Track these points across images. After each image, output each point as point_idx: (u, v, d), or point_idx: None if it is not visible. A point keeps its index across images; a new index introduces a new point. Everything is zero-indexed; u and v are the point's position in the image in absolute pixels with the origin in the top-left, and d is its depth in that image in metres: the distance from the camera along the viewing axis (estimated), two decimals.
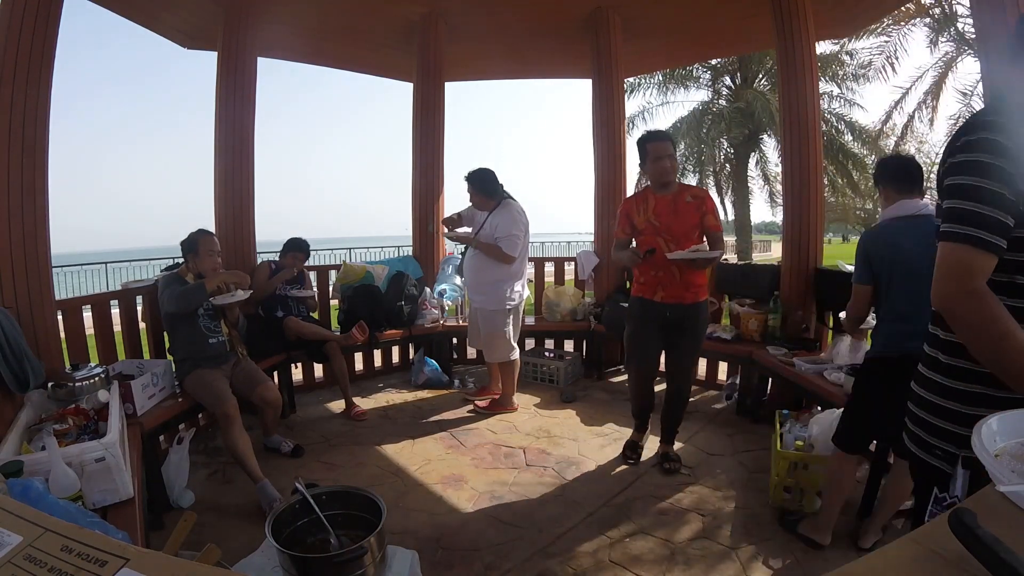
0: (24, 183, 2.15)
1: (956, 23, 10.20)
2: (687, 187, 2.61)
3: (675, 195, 2.54)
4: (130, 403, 2.21)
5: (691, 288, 2.52)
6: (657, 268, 2.52)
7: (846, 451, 1.97)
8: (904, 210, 1.87)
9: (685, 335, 2.58)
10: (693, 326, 2.57)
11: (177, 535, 1.21)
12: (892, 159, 2.06)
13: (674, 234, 2.49)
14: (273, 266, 3.56)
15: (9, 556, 0.66)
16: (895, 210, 1.89)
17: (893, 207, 1.90)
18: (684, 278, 2.50)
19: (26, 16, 2.12)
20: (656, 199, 2.55)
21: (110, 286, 9.08)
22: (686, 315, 2.54)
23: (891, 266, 1.85)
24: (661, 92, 14.19)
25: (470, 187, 3.30)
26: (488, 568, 1.94)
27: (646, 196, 2.59)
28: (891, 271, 1.85)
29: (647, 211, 2.55)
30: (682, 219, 2.50)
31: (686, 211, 2.51)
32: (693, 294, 2.53)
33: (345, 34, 4.25)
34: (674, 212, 2.51)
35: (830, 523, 2.00)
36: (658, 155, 2.50)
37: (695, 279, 2.53)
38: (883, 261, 1.86)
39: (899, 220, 1.87)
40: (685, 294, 2.52)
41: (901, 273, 1.82)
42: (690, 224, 2.50)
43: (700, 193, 2.59)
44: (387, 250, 11.71)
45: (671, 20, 4.19)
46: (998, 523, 0.63)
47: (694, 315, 2.55)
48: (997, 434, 0.89)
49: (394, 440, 3.04)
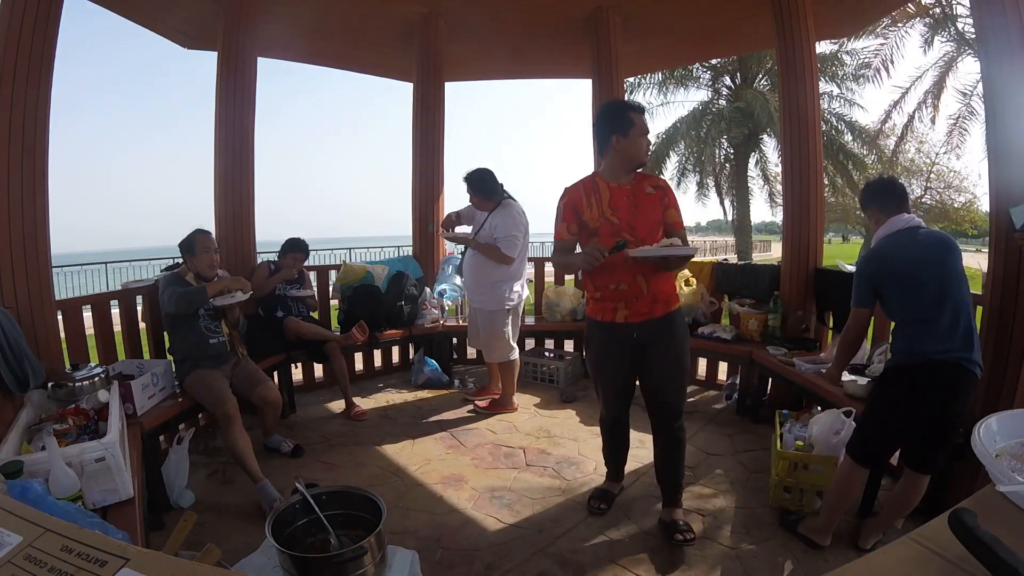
0: (24, 183, 2.15)
1: (956, 23, 10.20)
2: (645, 176, 2.08)
3: (634, 184, 2.02)
4: (130, 403, 2.20)
5: (660, 299, 2.01)
6: (617, 279, 1.99)
7: (862, 464, 1.93)
8: (895, 226, 1.95)
9: (663, 352, 2.04)
10: (670, 339, 2.03)
11: (177, 535, 1.21)
12: (874, 183, 2.12)
13: (638, 234, 1.95)
14: (272, 267, 3.56)
15: (9, 556, 0.66)
16: (887, 228, 1.97)
17: (884, 226, 1.98)
18: (652, 288, 1.98)
19: (26, 16, 2.12)
20: (612, 189, 2.01)
21: (110, 286, 9.08)
22: (659, 330, 2.02)
23: (895, 278, 1.88)
24: (661, 92, 14.22)
25: (469, 188, 3.30)
26: (488, 568, 1.94)
27: (596, 184, 2.03)
28: (898, 283, 1.88)
29: (601, 204, 2.00)
30: (644, 214, 1.99)
31: (648, 204, 2.00)
32: (664, 304, 2.02)
33: (345, 34, 4.25)
34: (635, 205, 1.99)
35: (831, 526, 1.99)
36: (644, 130, 2.00)
37: (664, 287, 2.03)
38: (886, 276, 1.90)
39: (891, 236, 1.94)
40: (654, 307, 2.00)
41: (907, 283, 1.85)
42: (654, 220, 2.00)
43: (660, 183, 2.08)
44: (387, 250, 11.72)
45: (671, 20, 4.19)
46: (998, 523, 0.63)
47: (668, 328, 2.03)
48: (997, 434, 0.89)
49: (394, 440, 3.04)
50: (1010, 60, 1.96)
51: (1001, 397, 1.98)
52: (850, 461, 1.94)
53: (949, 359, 1.77)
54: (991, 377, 2.02)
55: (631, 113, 1.97)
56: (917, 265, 1.84)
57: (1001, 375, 1.99)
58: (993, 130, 2.07)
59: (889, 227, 1.95)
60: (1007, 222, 1.95)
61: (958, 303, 1.80)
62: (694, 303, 3.64)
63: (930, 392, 1.80)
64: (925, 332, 1.80)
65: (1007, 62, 1.97)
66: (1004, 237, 2.00)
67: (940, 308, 1.79)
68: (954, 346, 1.77)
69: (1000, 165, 2.05)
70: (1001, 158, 2.04)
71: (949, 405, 1.80)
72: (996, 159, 2.06)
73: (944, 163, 12.02)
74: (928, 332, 1.80)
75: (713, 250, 21.91)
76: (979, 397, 2.05)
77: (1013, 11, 1.93)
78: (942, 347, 1.78)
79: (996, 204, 2.06)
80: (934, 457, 1.90)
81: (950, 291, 1.80)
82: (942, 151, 11.32)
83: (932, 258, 1.84)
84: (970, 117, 10.84)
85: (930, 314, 1.80)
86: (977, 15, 2.14)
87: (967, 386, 1.81)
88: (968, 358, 1.78)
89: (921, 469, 1.91)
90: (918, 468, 1.92)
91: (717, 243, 23.86)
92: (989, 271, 2.12)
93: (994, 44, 2.02)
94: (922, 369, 1.81)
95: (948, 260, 1.84)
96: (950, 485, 2.10)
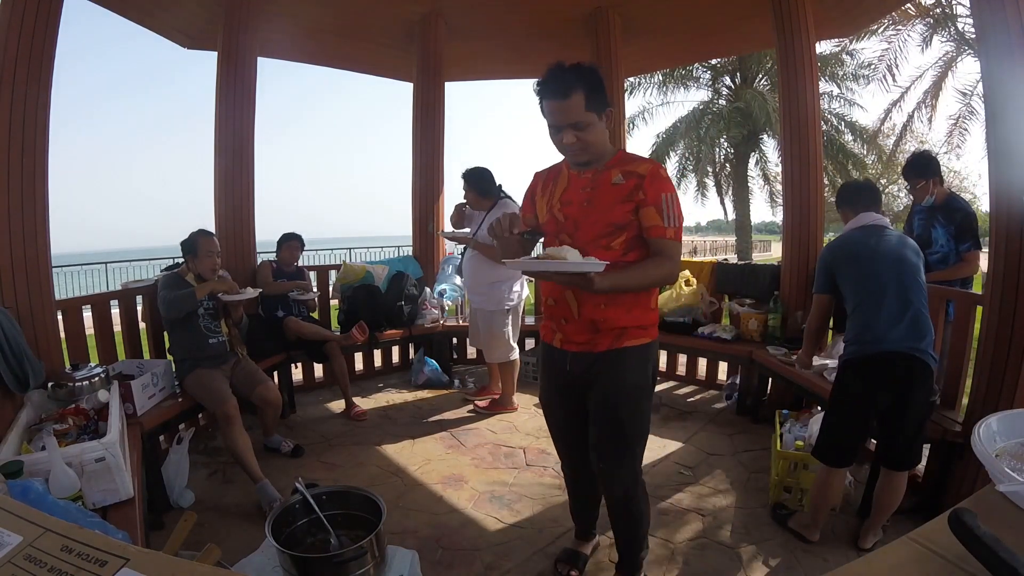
0: (24, 183, 2.15)
1: (956, 23, 10.20)
2: (627, 158, 1.54)
3: (598, 173, 1.53)
4: (130, 403, 2.21)
5: (603, 329, 1.53)
6: (547, 292, 1.64)
7: (831, 464, 1.95)
8: (861, 222, 2.03)
9: (597, 399, 1.58)
10: (609, 385, 1.55)
11: (177, 535, 1.21)
12: (848, 185, 2.24)
13: (577, 238, 1.51)
14: (274, 265, 3.56)
15: (9, 556, 0.66)
16: (854, 223, 2.05)
17: (852, 221, 2.06)
18: (585, 313, 1.53)
19: (26, 16, 2.12)
20: (571, 177, 1.58)
21: (110, 286, 9.08)
22: (596, 369, 1.56)
23: (850, 264, 1.96)
24: (661, 92, 14.24)
25: (466, 186, 3.30)
26: (488, 568, 1.94)
27: (560, 170, 1.63)
28: (851, 268, 1.95)
29: (553, 194, 1.60)
30: (596, 212, 1.50)
31: (605, 199, 1.49)
32: (612, 337, 1.53)
33: (345, 34, 4.25)
34: (589, 201, 1.52)
35: (819, 523, 2.02)
36: (553, 121, 1.46)
37: (608, 315, 1.52)
38: (842, 261, 1.98)
39: (857, 231, 2.01)
40: (595, 339, 1.54)
41: (861, 269, 1.92)
42: (605, 221, 1.49)
43: (642, 168, 1.49)
44: (387, 250, 11.72)
45: (671, 20, 4.19)
46: (998, 523, 0.63)
47: (608, 369, 1.54)
48: (997, 434, 0.89)
49: (394, 440, 3.04)
50: (1010, 60, 1.95)
51: (1001, 397, 1.98)
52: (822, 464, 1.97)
53: (898, 350, 1.81)
54: (991, 377, 2.02)
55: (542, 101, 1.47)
56: (874, 254, 1.91)
57: (1001, 375, 1.99)
58: (993, 130, 2.07)
59: (856, 222, 2.04)
60: (1007, 222, 1.96)
61: (909, 295, 1.84)
62: (694, 303, 3.64)
63: (883, 384, 1.84)
64: (875, 321, 1.84)
65: (1007, 62, 1.97)
66: (1004, 237, 2.00)
67: (888, 296, 1.84)
68: (900, 335, 1.81)
69: (1000, 165, 2.04)
70: (1001, 158, 2.04)
71: (905, 396, 1.83)
72: (996, 159, 2.06)
73: (944, 163, 12.03)
74: (878, 321, 1.83)
75: (713, 250, 21.92)
76: (979, 397, 2.06)
77: (1013, 11, 1.92)
78: (887, 335, 1.81)
79: (996, 204, 2.05)
80: (905, 452, 1.91)
81: (903, 283, 1.85)
82: (942, 151, 11.33)
83: (890, 252, 1.90)
84: (970, 117, 10.86)
85: (877, 300, 1.85)
86: (977, 15, 2.13)
87: (921, 376, 1.83)
88: (917, 347, 1.81)
89: (895, 466, 1.93)
90: (891, 465, 1.94)
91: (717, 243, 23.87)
92: (989, 271, 2.12)
93: (994, 44, 2.02)
94: (873, 361, 1.85)
95: (907, 257, 1.90)
96: (950, 485, 2.10)
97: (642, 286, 1.50)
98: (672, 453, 2.82)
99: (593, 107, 1.43)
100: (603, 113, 1.47)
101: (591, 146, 1.48)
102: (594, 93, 1.42)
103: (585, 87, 1.40)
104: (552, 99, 1.42)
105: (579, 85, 1.40)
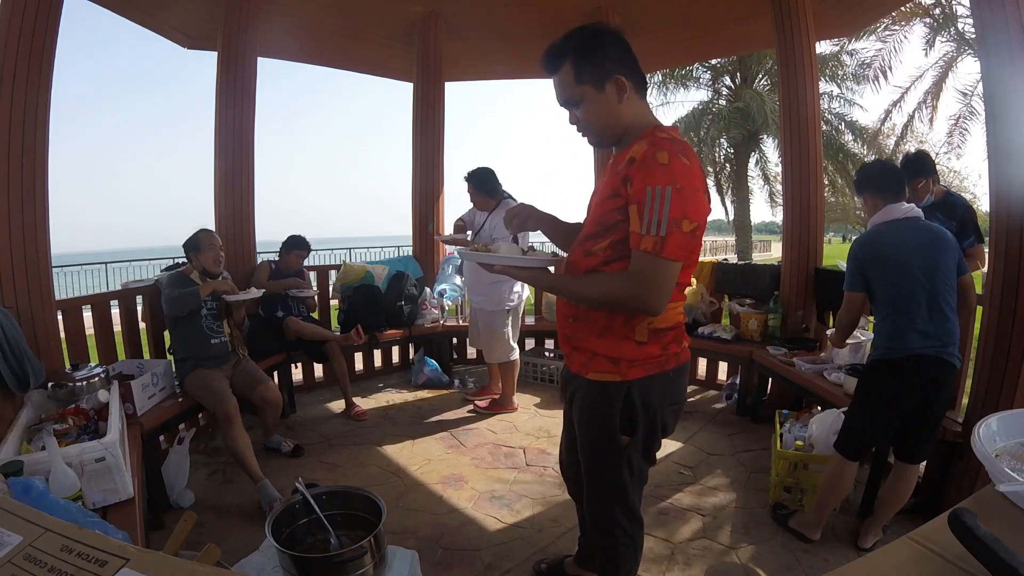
0: (24, 183, 2.15)
1: (956, 23, 10.20)
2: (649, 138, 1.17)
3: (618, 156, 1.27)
4: (130, 403, 2.21)
5: (578, 347, 1.34)
6: None
7: (850, 458, 1.95)
8: (891, 215, 1.91)
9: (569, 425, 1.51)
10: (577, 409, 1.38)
11: (177, 535, 1.21)
12: (872, 166, 2.09)
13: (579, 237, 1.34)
14: (273, 266, 3.56)
15: (9, 556, 0.66)
16: (882, 215, 1.93)
17: (879, 213, 1.94)
18: (563, 328, 1.39)
19: (26, 16, 2.12)
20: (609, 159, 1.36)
21: (110, 286, 9.08)
22: (573, 388, 1.40)
23: (884, 265, 1.88)
24: (661, 92, 14.22)
25: (470, 186, 3.30)
26: (488, 568, 1.94)
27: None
28: (885, 270, 1.88)
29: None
30: (595, 208, 1.30)
31: (603, 192, 1.26)
32: (584, 358, 1.32)
33: (345, 34, 4.25)
34: (597, 191, 1.33)
35: (821, 521, 2.02)
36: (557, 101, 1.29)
37: (579, 332, 1.32)
38: (877, 265, 1.90)
39: (886, 224, 1.91)
40: (571, 353, 1.38)
41: (895, 271, 1.85)
42: (597, 220, 1.26)
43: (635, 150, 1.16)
44: (387, 250, 11.72)
45: (671, 20, 4.19)
46: (998, 523, 0.63)
47: (577, 394, 1.37)
48: (997, 434, 0.89)
49: (394, 440, 3.04)
50: (1010, 60, 1.95)
51: (1001, 397, 1.98)
52: (838, 456, 1.97)
53: (931, 354, 1.80)
54: (991, 377, 2.02)
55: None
56: (908, 255, 1.83)
57: (1001, 375, 1.99)
58: (993, 130, 2.07)
59: (885, 214, 1.91)
60: (1007, 221, 1.96)
61: (939, 302, 1.81)
62: (694, 303, 3.64)
63: (914, 386, 1.83)
64: (907, 324, 1.82)
65: (1007, 62, 1.97)
66: (1004, 237, 2.00)
67: (923, 300, 1.81)
68: (935, 339, 1.80)
69: (1000, 165, 2.04)
70: (1001, 158, 2.04)
71: (932, 397, 1.84)
72: (996, 159, 2.06)
73: (944, 163, 12.03)
74: (910, 324, 1.81)
75: (713, 250, 21.91)
76: (979, 397, 2.06)
77: (1013, 11, 1.92)
78: (923, 341, 1.80)
79: (996, 204, 2.05)
80: (923, 444, 1.93)
81: (934, 290, 1.81)
82: (942, 151, 11.33)
83: (922, 255, 1.84)
84: (970, 117, 10.86)
85: (913, 305, 1.82)
86: (977, 15, 2.13)
87: (949, 378, 1.84)
88: (949, 351, 1.81)
89: (909, 459, 1.95)
90: (905, 458, 1.95)
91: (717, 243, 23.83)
92: (989, 271, 2.12)
93: (994, 44, 2.02)
94: (905, 363, 1.83)
95: (939, 263, 1.83)
96: (950, 485, 2.11)
97: (579, 298, 1.28)
98: (672, 453, 2.82)
99: (587, 79, 1.19)
100: (605, 84, 1.19)
101: (593, 125, 1.24)
102: (585, 62, 1.18)
103: (574, 55, 1.18)
104: (548, 75, 1.25)
105: (567, 55, 1.19)
